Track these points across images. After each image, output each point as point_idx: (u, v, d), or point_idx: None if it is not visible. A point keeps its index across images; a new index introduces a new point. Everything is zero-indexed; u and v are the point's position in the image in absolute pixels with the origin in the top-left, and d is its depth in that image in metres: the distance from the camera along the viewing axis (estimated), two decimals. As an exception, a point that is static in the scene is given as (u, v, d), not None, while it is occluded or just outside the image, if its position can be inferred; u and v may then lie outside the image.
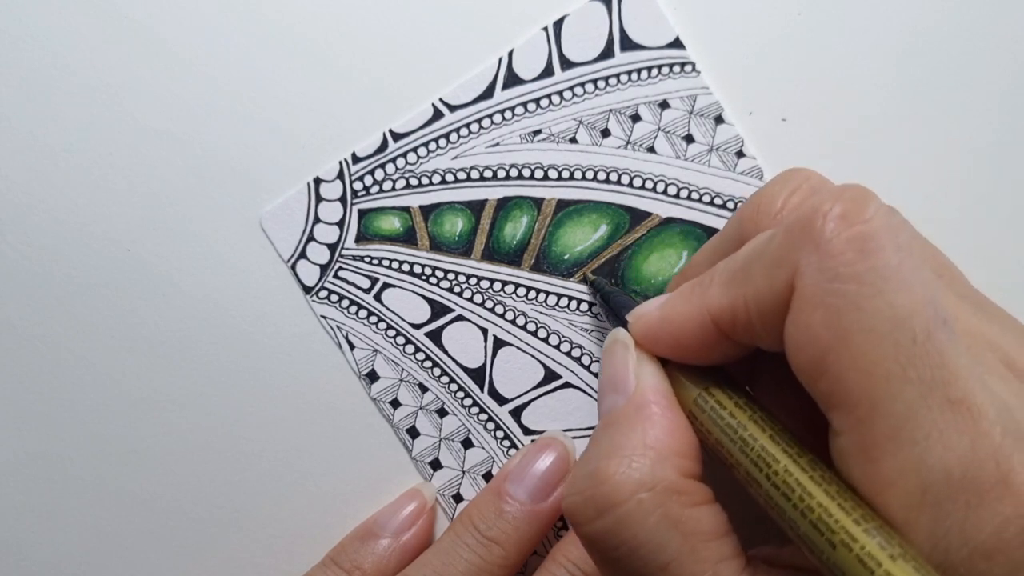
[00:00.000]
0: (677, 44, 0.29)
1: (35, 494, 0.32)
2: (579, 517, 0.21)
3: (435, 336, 0.31)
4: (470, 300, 0.30)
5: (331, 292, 0.31)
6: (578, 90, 0.30)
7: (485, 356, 0.30)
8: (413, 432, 0.31)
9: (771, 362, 0.22)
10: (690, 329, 0.22)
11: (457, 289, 0.30)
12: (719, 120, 0.29)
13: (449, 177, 0.30)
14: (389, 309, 0.31)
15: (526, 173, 0.30)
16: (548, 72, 0.30)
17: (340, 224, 0.31)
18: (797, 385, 0.20)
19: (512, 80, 0.30)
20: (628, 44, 0.29)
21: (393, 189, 0.30)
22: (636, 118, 0.30)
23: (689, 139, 0.30)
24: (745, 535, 0.21)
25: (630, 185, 0.30)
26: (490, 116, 0.30)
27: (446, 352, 0.31)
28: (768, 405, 0.22)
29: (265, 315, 0.31)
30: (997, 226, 0.30)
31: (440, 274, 0.30)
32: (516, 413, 0.30)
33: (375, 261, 0.31)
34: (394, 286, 0.31)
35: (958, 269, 0.23)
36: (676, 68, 0.29)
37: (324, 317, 0.31)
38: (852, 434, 0.18)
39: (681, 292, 0.23)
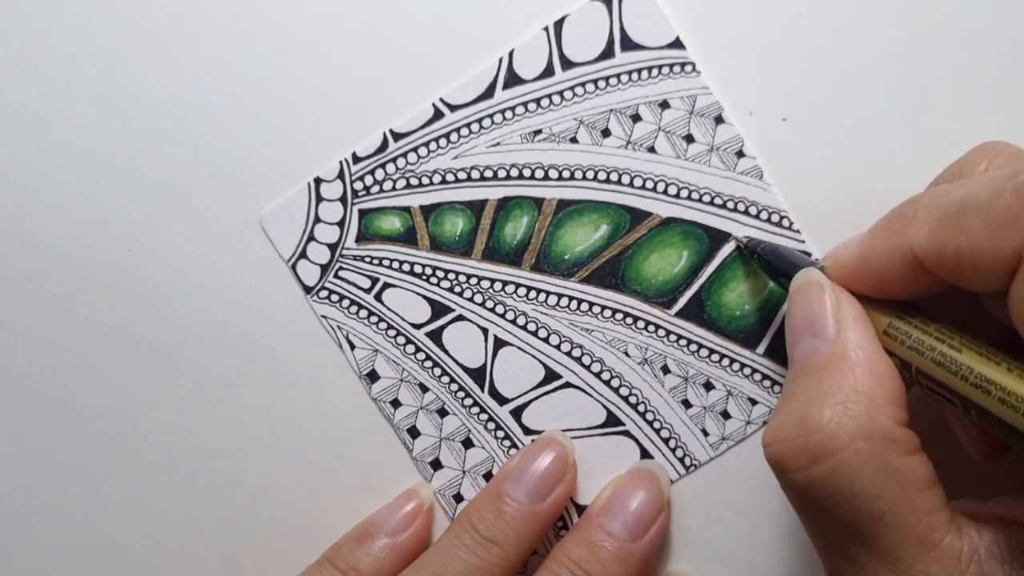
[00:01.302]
0: (677, 44, 0.29)
1: (35, 494, 0.32)
2: (789, 464, 0.21)
3: (435, 336, 0.31)
4: (470, 300, 0.30)
5: (331, 292, 0.31)
6: (579, 90, 0.30)
7: (485, 356, 0.30)
8: (413, 432, 0.31)
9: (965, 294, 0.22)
10: (892, 266, 0.22)
11: (458, 289, 0.30)
12: (719, 120, 0.29)
13: (449, 177, 0.30)
14: (389, 309, 0.31)
15: (527, 173, 0.30)
16: (549, 72, 0.30)
17: (340, 224, 0.31)
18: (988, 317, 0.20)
19: (512, 80, 0.30)
20: (628, 44, 0.29)
21: (393, 189, 0.30)
22: (636, 118, 0.30)
23: (689, 139, 0.29)
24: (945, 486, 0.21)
25: (630, 185, 0.30)
26: (490, 116, 0.30)
27: (446, 352, 0.31)
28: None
29: (265, 315, 0.31)
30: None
31: (440, 274, 0.30)
32: (516, 413, 0.30)
33: (375, 261, 0.31)
34: (394, 286, 0.31)
35: None
36: (676, 68, 0.29)
37: (324, 317, 0.31)
38: None
39: (879, 228, 0.23)
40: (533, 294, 0.30)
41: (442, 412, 0.31)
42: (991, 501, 0.21)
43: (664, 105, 0.29)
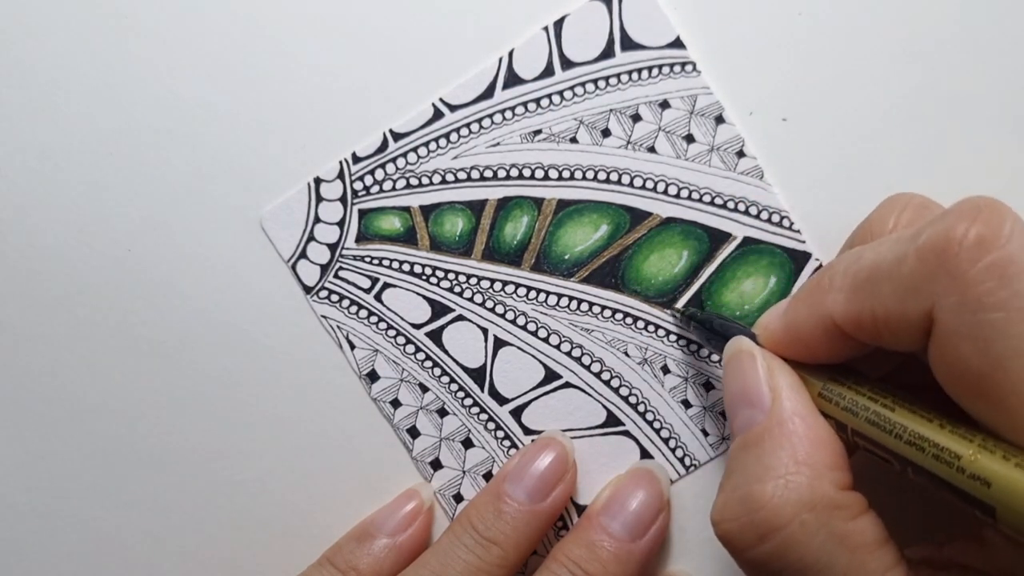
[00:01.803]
0: (677, 44, 0.29)
1: (35, 494, 0.32)
2: (738, 544, 0.21)
3: (435, 336, 0.31)
4: (470, 300, 0.30)
5: (331, 292, 0.31)
6: (578, 90, 0.30)
7: (485, 356, 0.30)
8: (413, 432, 0.31)
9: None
10: (815, 333, 0.22)
11: (457, 289, 0.30)
12: (719, 120, 0.29)
13: (449, 177, 0.30)
14: (389, 309, 0.31)
15: (526, 173, 0.30)
16: (548, 72, 0.30)
17: (340, 224, 0.31)
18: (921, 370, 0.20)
19: (512, 80, 0.30)
20: (628, 44, 0.29)
21: (393, 189, 0.30)
22: (637, 118, 0.30)
23: (690, 139, 0.29)
24: (898, 535, 0.21)
25: (630, 185, 0.30)
26: (490, 116, 0.30)
27: (446, 352, 0.31)
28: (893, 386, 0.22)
29: (265, 315, 0.31)
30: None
31: (440, 274, 0.30)
32: (516, 413, 0.30)
33: (375, 261, 0.31)
34: (394, 286, 0.31)
35: None
36: (676, 68, 0.29)
37: (324, 317, 0.31)
38: (1020, 438, 0.18)
39: (800, 297, 0.23)
40: (533, 294, 0.30)
41: (442, 412, 0.31)
42: (947, 547, 0.21)
43: (664, 105, 0.29)
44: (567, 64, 0.30)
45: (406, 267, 0.30)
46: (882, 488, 0.23)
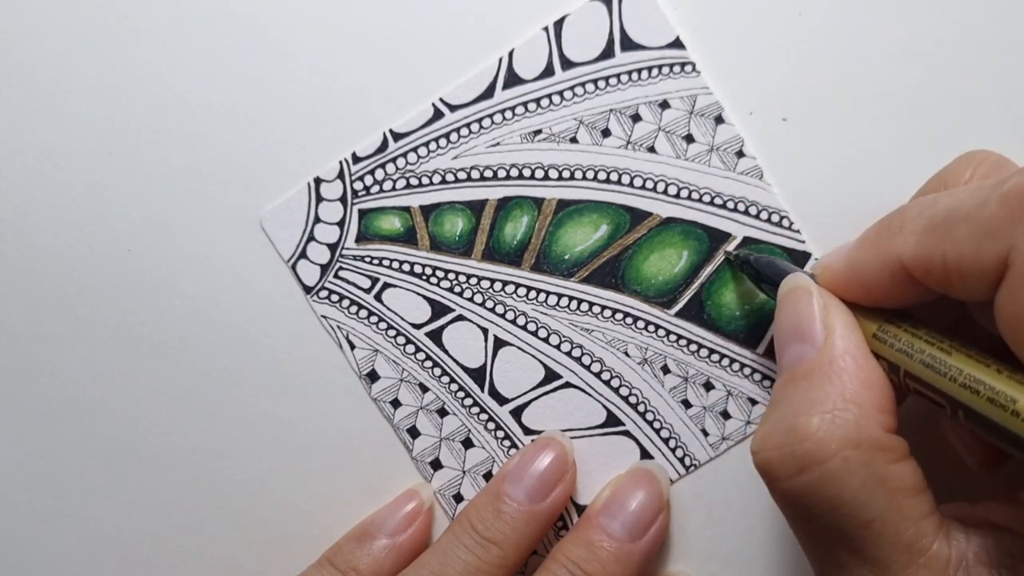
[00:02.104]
0: (677, 44, 0.29)
1: (35, 494, 0.32)
2: (777, 473, 0.21)
3: (435, 336, 0.31)
4: (470, 300, 0.30)
5: (331, 292, 0.31)
6: (578, 90, 0.30)
7: (485, 356, 0.30)
8: (413, 432, 0.31)
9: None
10: (880, 276, 0.22)
11: (457, 289, 0.30)
12: (719, 120, 0.29)
13: (449, 177, 0.30)
14: (389, 309, 0.31)
15: (526, 173, 0.30)
16: (548, 72, 0.30)
17: (340, 224, 0.31)
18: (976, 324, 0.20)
19: (512, 80, 0.30)
20: (628, 44, 0.29)
21: (393, 189, 0.30)
22: (636, 118, 0.30)
23: (689, 139, 0.29)
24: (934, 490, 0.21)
25: (630, 185, 0.30)
26: (490, 116, 0.30)
27: (446, 352, 0.31)
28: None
29: (265, 315, 0.31)
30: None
31: (440, 274, 0.30)
32: (516, 413, 0.30)
33: (375, 261, 0.31)
34: (394, 286, 0.31)
35: None
36: (676, 68, 0.29)
37: (324, 317, 0.31)
38: None
39: (867, 238, 0.23)
40: (533, 294, 0.30)
41: (442, 412, 0.31)
42: (980, 505, 0.21)
43: (664, 105, 0.29)
44: (567, 64, 0.30)
45: (406, 267, 0.30)
46: (923, 440, 0.22)
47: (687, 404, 0.30)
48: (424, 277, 0.30)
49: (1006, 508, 0.21)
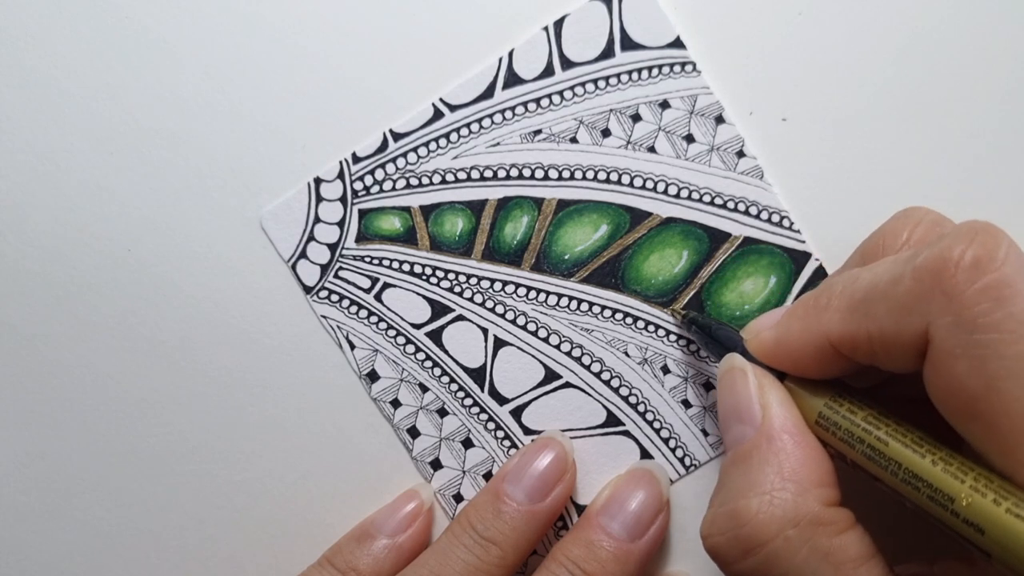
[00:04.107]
0: (677, 44, 0.29)
1: (35, 494, 0.32)
2: (725, 557, 0.21)
3: (435, 336, 0.31)
4: (470, 300, 0.30)
5: (331, 292, 0.31)
6: (579, 90, 0.30)
7: (485, 356, 0.30)
8: (413, 432, 0.31)
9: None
10: (808, 351, 0.22)
11: (457, 289, 0.30)
12: (719, 120, 0.29)
13: (449, 177, 0.30)
14: (389, 309, 0.31)
15: (526, 173, 0.30)
16: (548, 72, 0.30)
17: (340, 224, 0.31)
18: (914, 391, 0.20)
19: (512, 80, 0.30)
20: (628, 44, 0.29)
21: (393, 189, 0.30)
22: (637, 118, 0.30)
23: (690, 139, 0.29)
24: (890, 550, 0.21)
25: (630, 185, 0.30)
26: (490, 116, 0.30)
27: (446, 352, 0.31)
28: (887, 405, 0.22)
29: (265, 315, 0.31)
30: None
31: (440, 274, 0.30)
32: (516, 413, 0.30)
33: (375, 261, 0.31)
34: (394, 286, 0.31)
35: None
36: (676, 68, 0.29)
37: (324, 317, 0.31)
38: (1008, 462, 0.19)
39: (795, 312, 0.23)
40: (533, 294, 0.30)
41: (442, 412, 0.31)
42: (938, 565, 0.21)
43: (664, 105, 0.29)
44: (567, 64, 0.30)
45: (406, 267, 0.30)
46: (873, 505, 0.23)
47: (687, 404, 0.30)
48: (424, 277, 0.30)
49: (963, 568, 0.21)
